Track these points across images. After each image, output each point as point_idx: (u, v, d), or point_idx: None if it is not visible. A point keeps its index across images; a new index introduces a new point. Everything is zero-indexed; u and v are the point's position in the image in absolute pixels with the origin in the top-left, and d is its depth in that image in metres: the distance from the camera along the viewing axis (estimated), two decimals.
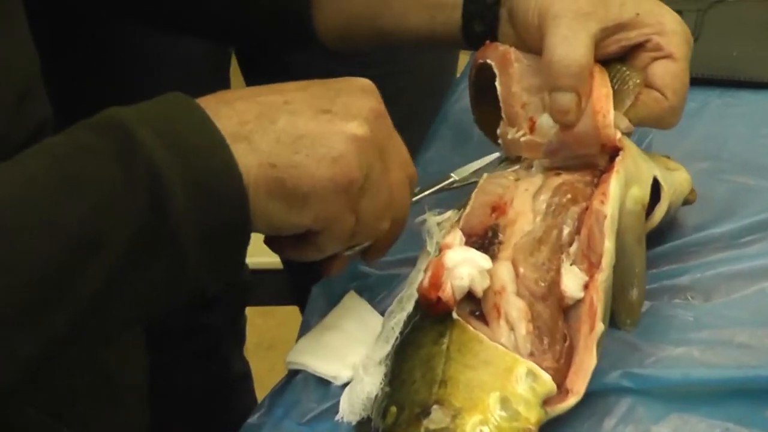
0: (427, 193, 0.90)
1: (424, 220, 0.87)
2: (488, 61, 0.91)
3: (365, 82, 0.79)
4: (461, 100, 1.13)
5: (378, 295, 0.89)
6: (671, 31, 0.90)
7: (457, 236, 0.80)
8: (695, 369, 0.78)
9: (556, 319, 0.77)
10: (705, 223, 0.92)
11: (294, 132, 0.73)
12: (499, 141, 0.90)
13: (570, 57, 0.86)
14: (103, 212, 0.67)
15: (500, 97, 0.89)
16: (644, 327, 0.82)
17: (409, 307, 0.81)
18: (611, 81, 0.88)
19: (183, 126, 0.71)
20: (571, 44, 0.86)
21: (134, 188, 0.68)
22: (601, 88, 0.87)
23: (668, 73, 0.89)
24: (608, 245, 0.79)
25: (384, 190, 0.78)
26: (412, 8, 0.98)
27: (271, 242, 0.78)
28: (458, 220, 0.84)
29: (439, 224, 0.86)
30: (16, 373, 0.67)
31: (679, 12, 1.14)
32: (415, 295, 0.80)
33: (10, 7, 0.87)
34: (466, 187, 0.90)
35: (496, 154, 0.94)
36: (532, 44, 0.90)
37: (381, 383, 0.77)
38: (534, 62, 0.89)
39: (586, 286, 0.78)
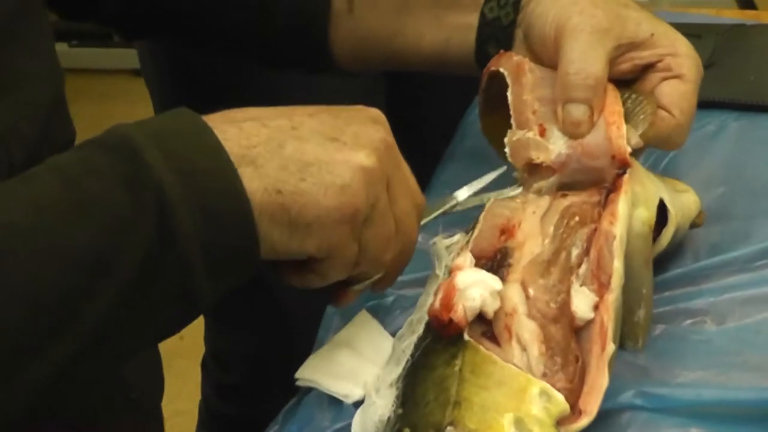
0: (430, 218, 0.90)
1: (435, 243, 0.87)
2: (501, 69, 0.91)
3: (376, 113, 0.78)
4: (478, 120, 1.13)
5: (392, 315, 0.89)
6: (684, 54, 0.90)
7: (467, 258, 0.80)
8: (709, 390, 0.78)
9: (568, 340, 0.77)
10: (720, 246, 0.92)
11: (301, 158, 0.72)
12: (506, 150, 0.89)
13: (587, 71, 0.87)
14: (110, 236, 0.67)
15: (511, 106, 0.89)
16: (658, 350, 0.83)
17: (420, 329, 0.80)
18: (624, 104, 0.89)
19: (191, 147, 0.70)
20: (588, 58, 0.87)
21: (142, 212, 0.67)
22: (614, 105, 0.87)
23: (676, 92, 0.90)
24: (617, 265, 0.79)
25: (389, 221, 0.77)
26: (428, 30, 0.98)
27: (273, 269, 0.77)
28: (467, 242, 0.83)
29: (447, 247, 0.85)
30: (28, 401, 0.67)
31: (698, 36, 1.15)
32: (426, 318, 0.80)
33: (37, 26, 0.87)
34: (475, 210, 0.90)
35: (496, 173, 0.94)
36: (548, 58, 0.91)
37: (393, 405, 0.77)
38: (547, 75, 0.90)
39: (596, 307, 0.78)
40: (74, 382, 0.69)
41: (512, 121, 0.89)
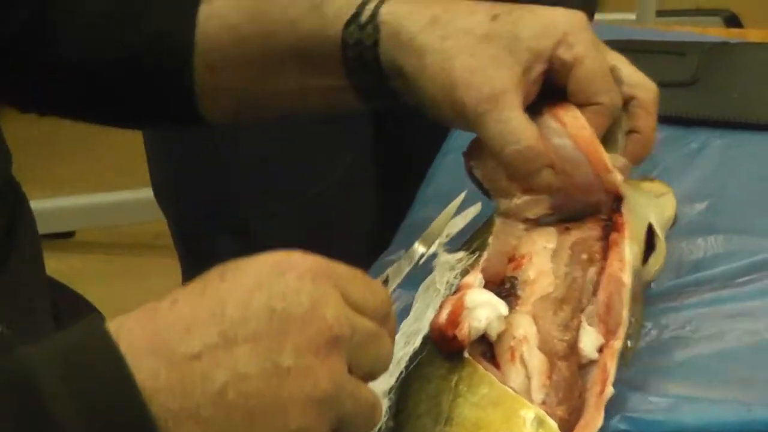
0: (397, 282, 0.82)
1: (435, 255, 0.85)
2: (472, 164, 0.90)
3: (296, 261, 0.65)
4: (461, 136, 1.14)
5: None
6: (570, 32, 0.86)
7: (477, 278, 0.81)
8: (691, 413, 0.79)
9: (575, 378, 0.78)
10: (702, 262, 0.93)
11: (245, 405, 0.62)
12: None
13: (520, 144, 0.85)
14: None
15: (483, 181, 0.88)
16: (641, 365, 0.83)
17: (416, 341, 0.80)
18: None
19: (107, 397, 0.60)
20: (510, 130, 0.85)
21: None
22: (582, 131, 0.86)
23: (579, 77, 0.86)
24: (625, 315, 0.80)
25: (362, 402, 0.67)
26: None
27: None
28: (477, 262, 0.83)
29: (450, 264, 0.85)
30: None
31: (682, 54, 1.16)
32: (423, 331, 0.80)
33: None
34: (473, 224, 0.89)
35: (464, 221, 0.88)
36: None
37: (385, 416, 0.76)
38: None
39: (600, 349, 0.79)
40: None
41: (491, 193, 0.88)
